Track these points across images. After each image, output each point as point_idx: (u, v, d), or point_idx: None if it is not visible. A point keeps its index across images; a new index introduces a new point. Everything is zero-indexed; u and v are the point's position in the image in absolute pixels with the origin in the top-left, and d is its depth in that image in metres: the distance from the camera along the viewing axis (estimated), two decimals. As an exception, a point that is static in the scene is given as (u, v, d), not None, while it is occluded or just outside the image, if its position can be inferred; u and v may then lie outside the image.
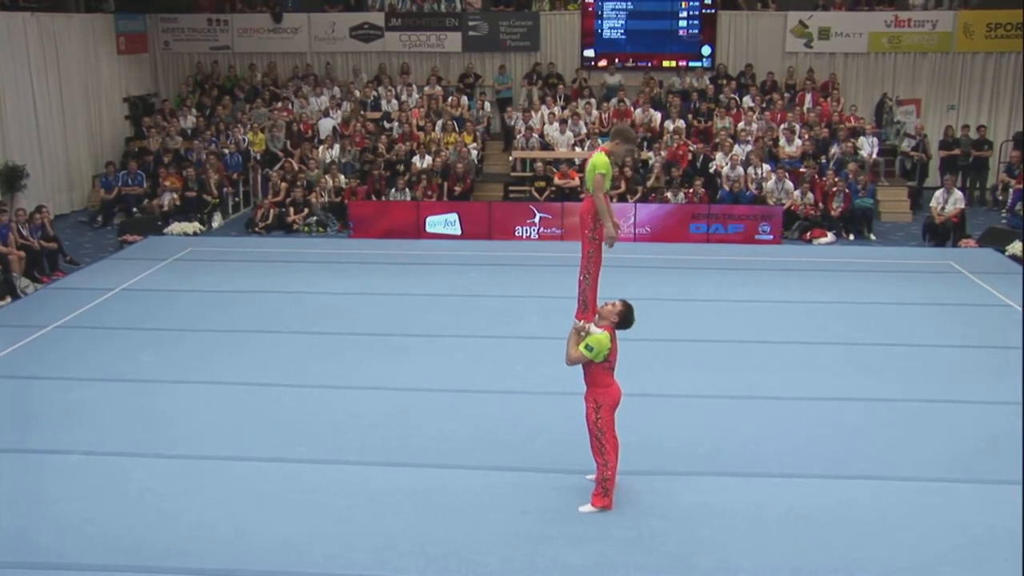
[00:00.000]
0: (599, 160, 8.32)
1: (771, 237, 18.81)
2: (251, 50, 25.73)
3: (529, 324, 13.52)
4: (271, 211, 19.96)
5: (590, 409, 8.19)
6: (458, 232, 19.18)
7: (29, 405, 10.80)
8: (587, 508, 8.35)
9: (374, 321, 13.81)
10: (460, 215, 19.30)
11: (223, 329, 13.47)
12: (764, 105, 22.99)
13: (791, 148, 21.33)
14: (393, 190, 20.43)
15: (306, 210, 20.09)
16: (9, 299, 15.19)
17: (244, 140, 22.67)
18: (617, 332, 8.14)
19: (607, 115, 23.04)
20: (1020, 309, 14.07)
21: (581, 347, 8.02)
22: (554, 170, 20.88)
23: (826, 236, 19.09)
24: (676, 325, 13.16)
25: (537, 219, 19.19)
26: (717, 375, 11.59)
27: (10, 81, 20.02)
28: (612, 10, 24.30)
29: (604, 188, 8.30)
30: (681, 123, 22.42)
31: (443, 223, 19.24)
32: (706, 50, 24.39)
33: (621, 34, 24.49)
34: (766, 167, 20.21)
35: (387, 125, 23.17)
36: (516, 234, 19.20)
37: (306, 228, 19.98)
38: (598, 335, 8.01)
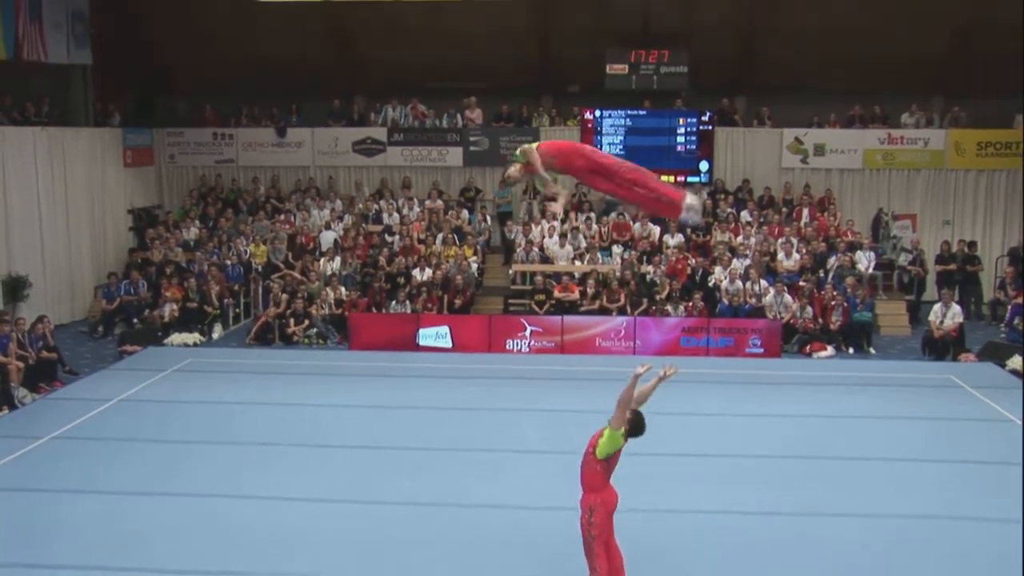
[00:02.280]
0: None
1: (762, 350, 18.82)
2: (255, 163, 26.11)
3: (526, 438, 13.45)
4: (273, 322, 20.00)
5: (584, 513, 8.14)
6: (449, 345, 19.23)
7: (24, 518, 10.66)
8: None
9: (372, 434, 13.72)
10: (451, 328, 19.37)
11: (221, 441, 13.38)
12: (762, 219, 23.25)
13: (789, 262, 21.51)
14: (393, 302, 20.52)
15: (306, 322, 20.16)
16: (6, 409, 15.14)
17: (246, 252, 22.87)
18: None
19: (607, 229, 23.28)
20: (1021, 424, 13.99)
21: (620, 430, 7.89)
22: (554, 283, 21.00)
23: (826, 350, 19.11)
24: (676, 439, 13.06)
25: (528, 332, 19.25)
26: (718, 490, 11.47)
27: (17, 193, 20.31)
28: (611, 126, 24.73)
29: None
30: (680, 237, 22.64)
31: (434, 336, 19.30)
32: (704, 165, 24.76)
33: (620, 149, 24.85)
34: (764, 283, 20.34)
35: (388, 238, 23.39)
36: (507, 347, 19.24)
37: (306, 340, 20.01)
38: (621, 440, 7.96)
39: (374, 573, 9.27)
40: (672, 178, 24.72)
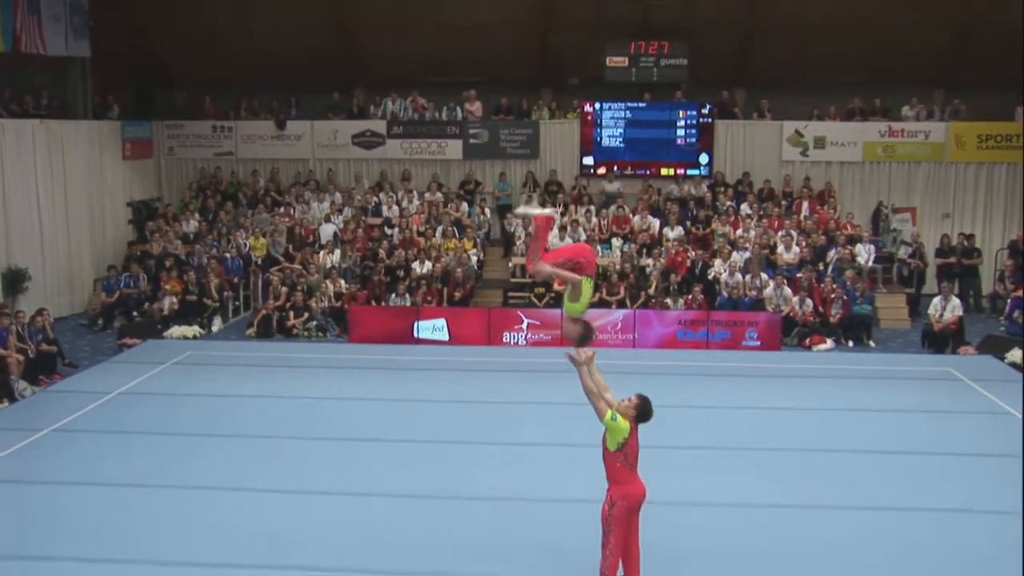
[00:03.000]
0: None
1: (758, 343, 18.83)
2: (254, 156, 26.11)
3: (526, 431, 13.45)
4: (272, 315, 19.99)
5: (605, 504, 8.18)
6: (446, 338, 19.23)
7: (24, 509, 10.67)
8: None
9: (371, 427, 13.74)
10: (449, 321, 19.38)
11: (221, 434, 13.38)
12: (761, 212, 23.23)
13: (789, 255, 21.49)
14: (393, 295, 20.51)
15: (306, 314, 20.15)
16: (6, 402, 15.14)
17: (245, 245, 22.86)
18: (639, 427, 8.12)
19: (606, 222, 23.27)
20: (1021, 417, 13.99)
21: (607, 416, 7.93)
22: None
23: (825, 343, 19.11)
24: (674, 432, 13.05)
25: (525, 325, 19.25)
26: (717, 483, 11.48)
27: (16, 186, 20.29)
28: (611, 119, 24.71)
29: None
30: (680, 230, 22.63)
31: (431, 329, 19.31)
32: (704, 158, 24.74)
33: (620, 142, 24.87)
34: (764, 276, 20.32)
35: (388, 231, 23.38)
36: (504, 340, 19.23)
37: (306, 333, 20.00)
38: (622, 423, 7.97)
39: (373, 565, 9.27)
40: (672, 171, 24.81)
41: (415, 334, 19.28)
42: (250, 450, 12.69)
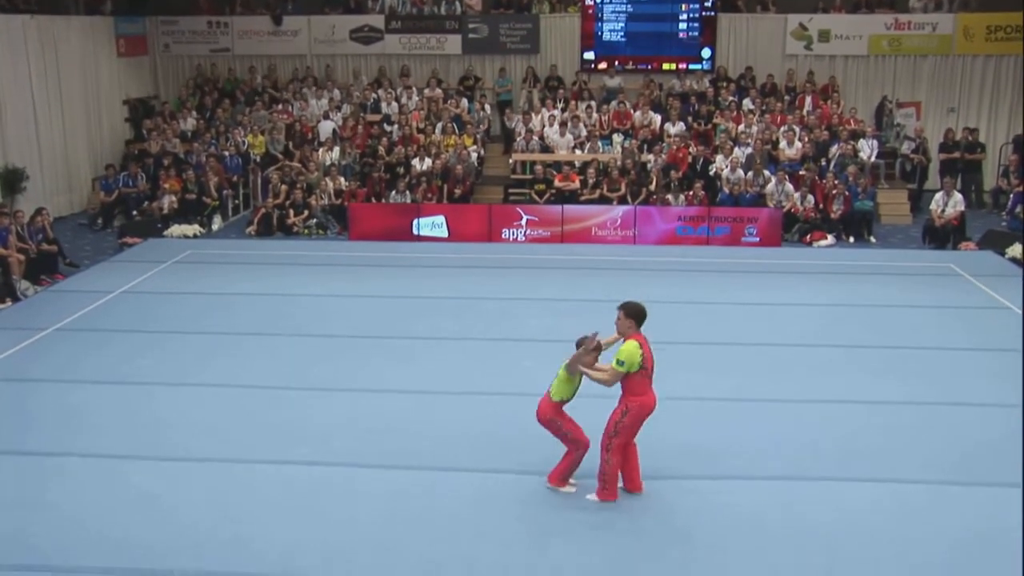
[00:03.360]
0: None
1: (757, 239, 18.81)
2: (251, 52, 25.74)
3: (529, 326, 13.51)
4: (272, 213, 19.93)
5: (618, 411, 8.28)
6: (446, 234, 19.21)
7: (28, 407, 10.78)
8: (592, 497, 8.51)
9: (374, 323, 13.81)
10: (448, 218, 19.33)
11: (223, 331, 13.46)
12: (764, 107, 22.98)
13: (791, 151, 21.32)
14: (393, 192, 20.43)
15: (306, 212, 20.10)
16: (9, 302, 15.19)
17: (244, 143, 22.68)
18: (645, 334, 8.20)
19: (607, 117, 23.05)
20: (1020, 312, 14.05)
21: (613, 364, 8.02)
22: (554, 173, 20.88)
23: (826, 239, 19.08)
24: (675, 328, 13.11)
25: (524, 222, 19.21)
26: (718, 378, 11.57)
27: (9, 83, 20.03)
28: (612, 12, 24.30)
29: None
30: (681, 126, 22.42)
31: (431, 225, 19.28)
32: (706, 52, 24.38)
33: (621, 36, 24.49)
34: (766, 173, 20.19)
35: (387, 127, 23.17)
36: (504, 236, 19.22)
37: (306, 230, 19.98)
38: (626, 346, 8.01)
39: (372, 459, 9.38)
40: (674, 65, 24.48)
41: (415, 231, 19.27)
42: (251, 347, 12.78)
